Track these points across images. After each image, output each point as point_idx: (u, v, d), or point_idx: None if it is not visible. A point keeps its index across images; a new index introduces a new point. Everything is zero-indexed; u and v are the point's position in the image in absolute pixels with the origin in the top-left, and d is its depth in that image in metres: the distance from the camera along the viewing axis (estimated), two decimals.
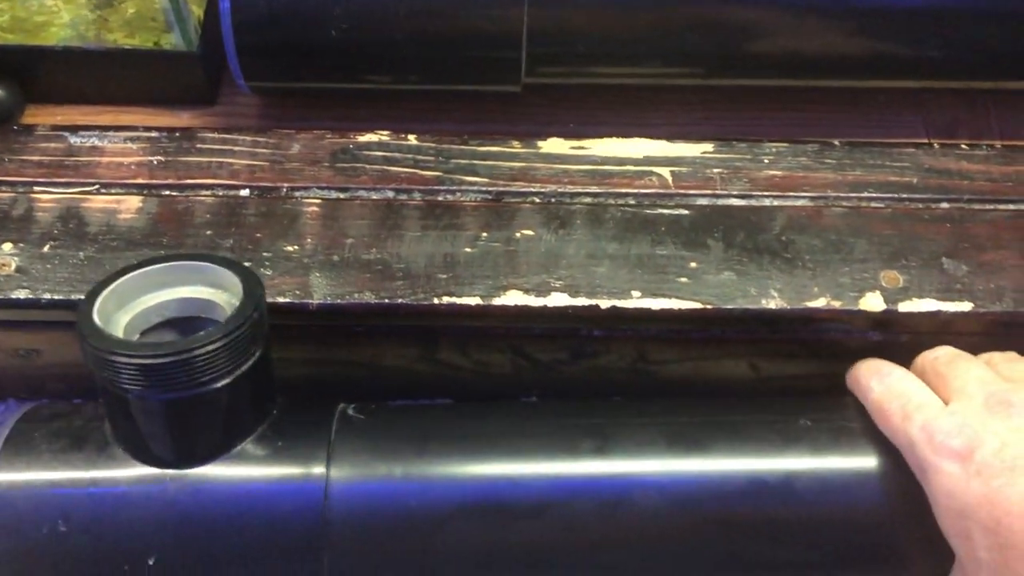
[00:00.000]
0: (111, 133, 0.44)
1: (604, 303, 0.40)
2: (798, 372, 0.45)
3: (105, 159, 0.44)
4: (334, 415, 0.38)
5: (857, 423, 0.38)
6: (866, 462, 0.37)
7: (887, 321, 0.41)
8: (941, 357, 0.37)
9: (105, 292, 0.36)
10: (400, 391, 0.46)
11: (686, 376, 0.45)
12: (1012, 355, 0.38)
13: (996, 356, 0.38)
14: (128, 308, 0.36)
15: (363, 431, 0.38)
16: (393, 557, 0.36)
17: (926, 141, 0.47)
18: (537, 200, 0.43)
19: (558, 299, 0.40)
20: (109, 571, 0.35)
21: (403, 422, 0.39)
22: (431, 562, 0.36)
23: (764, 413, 0.39)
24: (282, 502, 0.36)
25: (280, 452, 0.37)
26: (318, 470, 0.36)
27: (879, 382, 0.37)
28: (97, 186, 0.43)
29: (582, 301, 0.40)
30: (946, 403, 0.35)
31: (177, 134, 0.45)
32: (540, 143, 0.45)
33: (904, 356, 0.43)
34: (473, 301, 0.40)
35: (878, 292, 0.41)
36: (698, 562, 0.37)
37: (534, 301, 0.40)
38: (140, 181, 0.43)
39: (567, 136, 0.45)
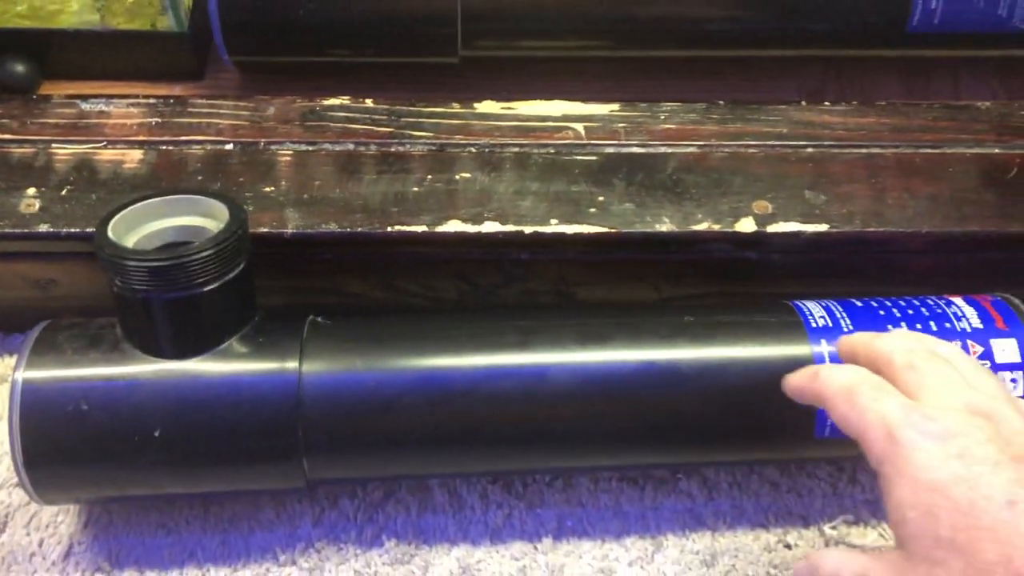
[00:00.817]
0: (116, 100, 0.53)
1: (528, 229, 0.49)
2: (693, 292, 0.54)
3: (111, 121, 0.52)
4: (305, 322, 0.47)
5: (730, 317, 0.47)
6: (739, 349, 0.46)
7: (758, 240, 0.50)
8: (916, 352, 0.34)
9: (116, 218, 0.44)
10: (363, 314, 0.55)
11: (601, 299, 0.54)
12: (973, 361, 0.37)
13: (959, 358, 0.36)
14: (135, 232, 0.45)
15: (330, 333, 0.46)
16: (355, 429, 0.44)
17: (797, 100, 0.56)
18: (473, 150, 0.52)
19: (490, 226, 0.49)
20: (123, 439, 0.43)
21: (363, 326, 0.47)
22: (385, 432, 0.44)
23: (654, 314, 0.48)
24: (263, 389, 0.44)
25: (261, 348, 0.45)
26: (292, 364, 0.44)
27: (850, 373, 0.35)
28: (105, 142, 0.51)
29: (510, 228, 0.49)
30: (917, 399, 0.33)
31: (171, 101, 0.53)
32: (476, 105, 0.54)
33: (777, 276, 0.53)
34: (420, 229, 0.49)
35: (751, 217, 0.50)
36: (601, 432, 0.45)
37: (471, 228, 0.49)
38: (141, 138, 0.52)
39: (499, 99, 0.54)
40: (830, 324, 0.46)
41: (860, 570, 0.32)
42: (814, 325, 0.46)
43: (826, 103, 0.55)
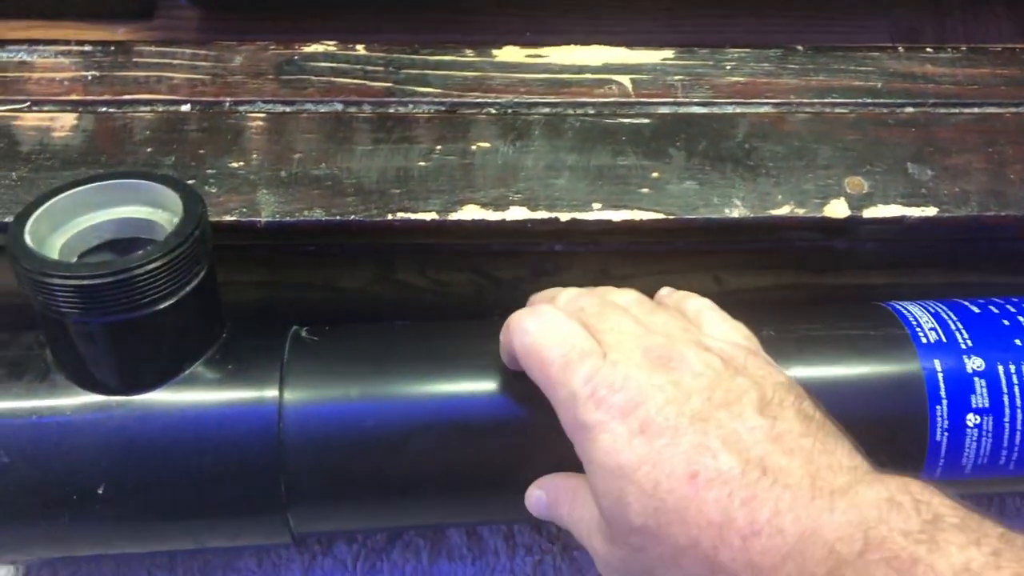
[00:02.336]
0: (41, 48, 0.42)
1: (564, 216, 0.39)
2: (764, 284, 0.44)
3: (35, 75, 0.41)
4: (287, 337, 0.37)
5: (818, 329, 0.37)
6: (833, 370, 0.36)
7: (852, 228, 0.40)
8: (587, 306, 0.33)
9: (37, 212, 0.34)
10: (358, 314, 0.45)
11: (651, 291, 0.44)
12: (646, 301, 0.35)
13: (632, 302, 0.34)
14: (63, 230, 0.35)
15: (317, 352, 0.37)
16: (351, 477, 0.35)
17: (890, 45, 0.46)
18: (493, 111, 0.42)
19: (517, 213, 0.39)
20: (57, 500, 0.34)
21: (358, 342, 0.38)
22: (391, 481, 0.35)
23: None
24: (235, 426, 0.35)
25: (231, 375, 0.35)
26: (271, 393, 0.35)
27: (537, 322, 0.32)
28: (28, 103, 0.40)
29: (541, 215, 0.39)
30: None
31: (112, 48, 0.42)
32: (495, 51, 0.43)
33: (864, 266, 0.43)
34: (429, 216, 0.39)
35: (842, 199, 0.40)
36: None
37: (492, 215, 0.39)
38: (74, 97, 0.41)
39: (523, 44, 0.44)
40: (943, 339, 0.37)
41: (589, 513, 0.31)
42: (924, 341, 0.37)
43: (927, 48, 0.45)
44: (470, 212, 0.39)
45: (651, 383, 0.29)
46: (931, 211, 0.40)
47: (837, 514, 0.26)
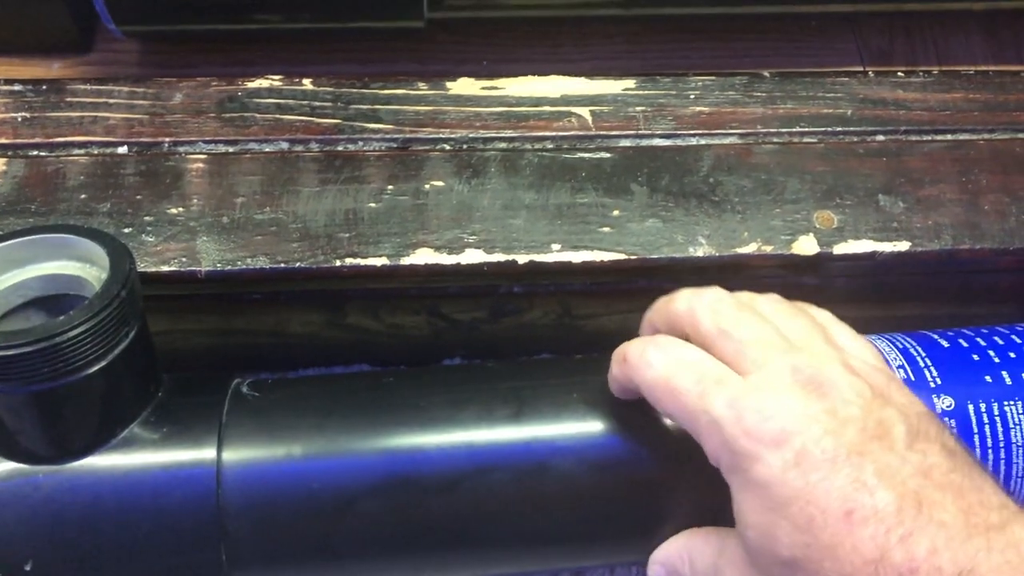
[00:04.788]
0: None
1: (522, 258, 0.37)
2: None
3: None
4: (226, 393, 0.35)
5: None
6: None
7: (821, 265, 0.38)
8: (723, 312, 0.31)
9: None
10: (311, 359, 0.43)
11: (615, 329, 0.42)
12: (785, 305, 0.33)
13: (773, 308, 0.32)
14: None
15: (258, 409, 0.35)
16: (297, 543, 0.33)
17: (860, 69, 0.44)
18: (447, 147, 0.40)
19: (472, 256, 0.37)
20: None
21: (302, 396, 0.36)
22: (338, 545, 0.33)
23: None
24: (171, 491, 0.33)
25: (167, 437, 0.33)
26: (209, 454, 0.33)
27: (661, 354, 0.31)
28: None
29: (498, 257, 0.37)
30: (741, 375, 0.30)
31: (44, 87, 0.40)
32: (449, 84, 0.41)
33: (833, 300, 0.42)
34: (379, 262, 0.37)
35: (811, 235, 0.38)
36: (619, 524, 0.35)
37: (446, 259, 0.37)
38: (3, 141, 0.39)
39: (479, 75, 0.42)
40: (912, 377, 0.35)
41: (710, 559, 0.31)
42: None
43: (898, 72, 0.43)
44: (423, 256, 0.37)
45: (806, 412, 0.28)
46: (903, 245, 0.38)
47: (995, 554, 0.25)
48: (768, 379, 0.29)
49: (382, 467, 0.34)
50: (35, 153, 0.39)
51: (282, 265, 0.37)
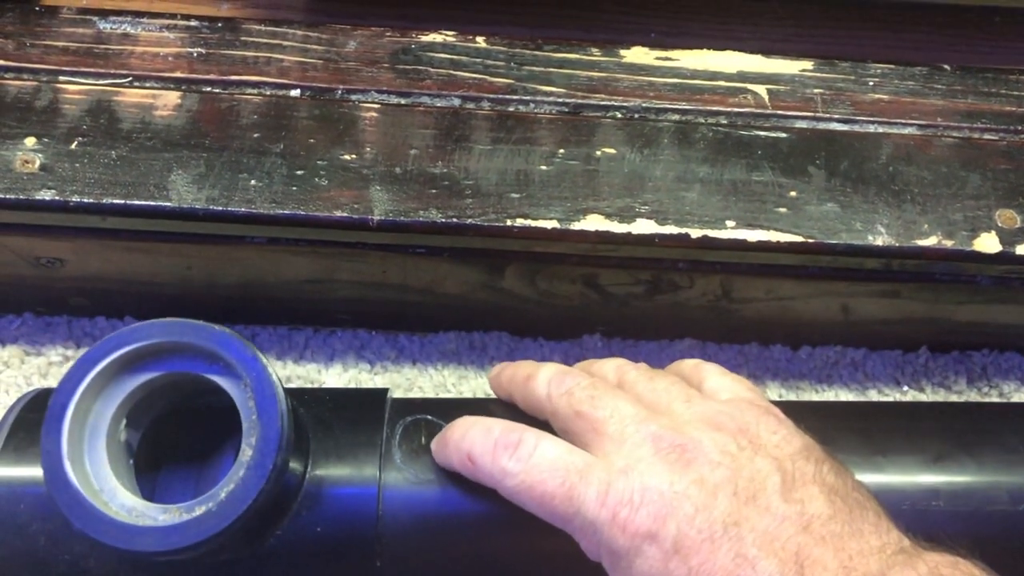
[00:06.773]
0: (145, 20, 0.40)
1: (695, 232, 0.36)
2: (892, 316, 0.41)
3: (139, 48, 0.39)
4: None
5: None
6: None
7: (1002, 264, 0.37)
8: (575, 389, 0.30)
9: (70, 410, 0.28)
10: (453, 322, 0.43)
11: (768, 317, 0.42)
12: (642, 369, 0.32)
13: (628, 372, 0.32)
14: (98, 410, 0.29)
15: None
16: None
17: None
18: (619, 115, 0.39)
19: (644, 226, 0.36)
20: None
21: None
22: None
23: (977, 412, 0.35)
24: None
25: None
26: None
27: (517, 462, 0.29)
28: (130, 78, 0.38)
29: (670, 229, 0.36)
30: (604, 456, 0.28)
31: (219, 24, 0.40)
32: (622, 51, 0.41)
33: (1001, 300, 0.40)
34: (550, 225, 0.36)
35: (993, 232, 0.37)
36: None
37: (617, 227, 0.36)
38: (179, 75, 0.38)
39: (651, 45, 0.41)
40: None
41: None
42: None
43: None
44: (594, 222, 0.36)
45: (674, 490, 0.27)
46: None
47: None
48: (630, 456, 0.28)
49: None
50: (209, 89, 0.38)
51: (454, 220, 0.36)
